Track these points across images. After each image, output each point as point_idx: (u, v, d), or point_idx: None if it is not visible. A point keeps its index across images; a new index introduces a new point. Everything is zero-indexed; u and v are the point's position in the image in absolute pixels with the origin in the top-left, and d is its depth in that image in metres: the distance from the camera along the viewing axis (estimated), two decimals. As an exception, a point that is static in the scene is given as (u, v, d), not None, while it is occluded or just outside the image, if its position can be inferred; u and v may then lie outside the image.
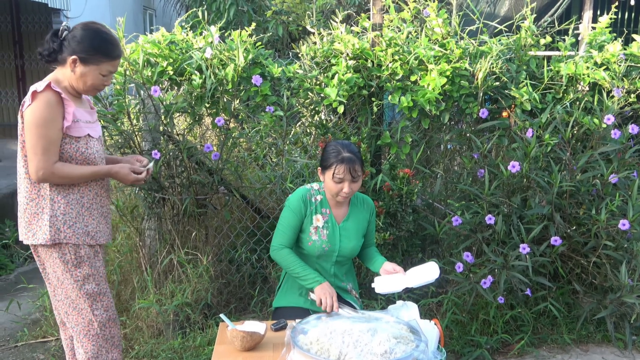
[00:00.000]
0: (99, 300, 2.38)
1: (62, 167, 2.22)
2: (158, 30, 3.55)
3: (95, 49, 2.24)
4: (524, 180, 3.41)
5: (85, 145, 2.30)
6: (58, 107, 2.20)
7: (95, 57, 2.24)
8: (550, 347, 3.44)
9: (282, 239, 2.56)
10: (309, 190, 2.61)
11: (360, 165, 2.48)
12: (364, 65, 3.58)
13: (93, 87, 2.31)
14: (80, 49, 2.22)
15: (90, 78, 2.27)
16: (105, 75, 2.30)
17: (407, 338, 1.98)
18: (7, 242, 5.05)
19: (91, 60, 2.24)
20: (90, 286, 2.35)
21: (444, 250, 3.69)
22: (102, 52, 2.25)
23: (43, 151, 2.17)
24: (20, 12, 9.55)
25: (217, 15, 7.55)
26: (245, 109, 3.57)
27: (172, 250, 3.57)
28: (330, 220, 2.59)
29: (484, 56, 3.54)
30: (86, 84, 2.28)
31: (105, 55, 2.27)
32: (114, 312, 2.45)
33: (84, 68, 2.24)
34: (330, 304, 2.34)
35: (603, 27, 3.82)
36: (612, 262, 3.31)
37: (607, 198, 3.25)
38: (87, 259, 2.33)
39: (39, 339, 3.51)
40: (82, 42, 2.22)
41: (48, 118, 2.17)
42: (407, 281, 2.41)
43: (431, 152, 3.94)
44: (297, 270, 2.49)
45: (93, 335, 2.39)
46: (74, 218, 2.30)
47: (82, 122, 2.29)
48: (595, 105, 3.49)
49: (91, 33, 2.25)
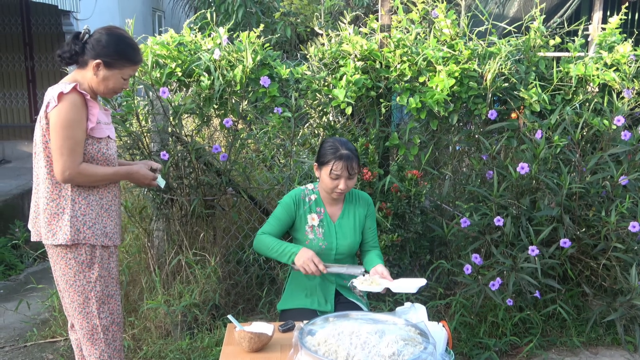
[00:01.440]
0: (106, 302, 2.39)
1: (88, 167, 2.26)
2: (167, 31, 3.56)
3: (119, 53, 2.30)
4: (533, 182, 3.39)
5: (106, 146, 2.35)
6: (83, 109, 2.24)
7: (119, 61, 2.30)
8: (559, 349, 3.42)
9: (265, 228, 2.57)
10: (303, 190, 2.64)
11: (357, 162, 2.49)
12: (372, 67, 3.57)
13: (113, 91, 2.37)
14: (105, 53, 2.28)
15: (112, 82, 2.33)
16: (126, 79, 2.37)
17: (415, 340, 1.97)
18: (17, 243, 5.09)
19: (115, 65, 2.30)
20: (99, 288, 2.36)
21: (452, 252, 3.68)
22: (126, 57, 2.32)
23: (69, 152, 2.20)
24: (31, 14, 9.63)
25: (226, 16, 7.57)
26: (254, 110, 3.58)
27: (180, 251, 3.57)
28: (325, 219, 2.60)
29: (492, 57, 3.53)
30: (107, 87, 2.33)
31: (129, 60, 2.33)
32: (119, 316, 2.46)
33: (107, 72, 2.30)
34: (314, 269, 2.33)
35: (613, 28, 3.79)
36: (622, 264, 3.29)
37: (617, 200, 3.23)
38: (100, 259, 2.35)
39: (48, 339, 3.53)
40: (108, 46, 2.28)
41: (75, 119, 2.21)
42: (388, 284, 2.37)
43: (439, 154, 3.93)
44: (274, 248, 2.46)
45: (96, 340, 2.39)
46: (94, 219, 2.33)
47: (103, 124, 2.34)
48: (605, 107, 3.47)
49: (116, 38, 2.31)
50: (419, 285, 2.31)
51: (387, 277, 2.42)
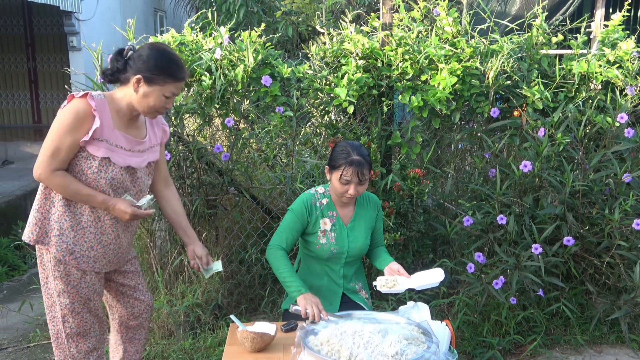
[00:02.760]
0: (71, 316, 2.27)
1: (61, 177, 2.12)
2: (168, 31, 3.56)
3: (160, 68, 2.16)
4: (536, 180, 3.38)
5: (99, 167, 2.17)
6: (85, 119, 2.11)
7: (160, 77, 2.16)
8: (563, 348, 3.41)
9: (280, 239, 2.52)
10: (313, 195, 2.59)
11: (368, 169, 2.46)
12: (374, 65, 3.56)
13: (154, 109, 2.22)
14: (146, 68, 2.15)
15: (152, 99, 2.18)
16: (168, 97, 2.21)
17: (419, 339, 1.97)
18: (20, 244, 5.09)
19: (156, 81, 2.16)
20: (64, 300, 2.24)
21: (455, 251, 3.67)
22: (167, 72, 2.18)
23: (50, 154, 2.10)
24: (33, 15, 9.65)
25: (227, 16, 7.56)
26: (255, 110, 3.57)
27: (182, 251, 3.57)
28: (337, 223, 2.58)
29: (495, 55, 3.52)
30: (148, 105, 2.19)
31: (170, 76, 2.18)
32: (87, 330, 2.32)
33: (148, 88, 2.16)
34: (317, 314, 2.23)
35: (616, 25, 3.78)
36: (626, 262, 3.28)
37: (620, 197, 3.22)
38: (65, 276, 2.22)
39: (50, 340, 3.53)
40: (148, 61, 2.16)
41: (70, 126, 2.09)
42: (410, 283, 2.38)
43: (442, 152, 3.92)
44: (284, 274, 2.42)
45: (60, 344, 2.32)
46: (65, 229, 2.19)
47: (107, 143, 2.17)
48: (608, 104, 3.46)
49: (157, 53, 2.19)
50: (440, 279, 2.32)
51: (404, 274, 2.44)
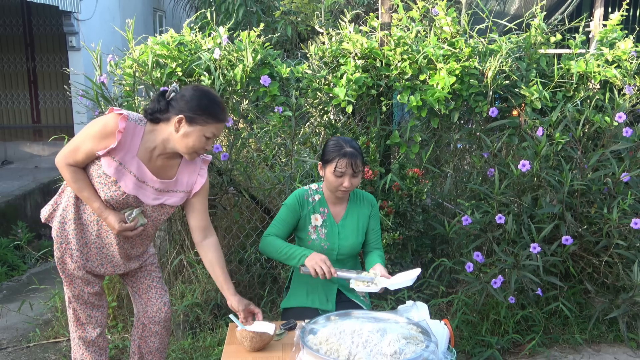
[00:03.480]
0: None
1: (74, 172, 2.21)
2: (167, 31, 3.56)
3: (202, 109, 2.17)
4: (535, 179, 3.38)
5: (106, 182, 2.22)
6: (109, 135, 2.15)
7: (201, 117, 2.17)
8: (561, 347, 3.41)
9: (272, 230, 2.57)
10: (307, 191, 2.63)
11: (361, 160, 2.49)
12: (373, 65, 3.57)
13: (193, 149, 2.22)
14: (188, 107, 2.17)
15: (192, 139, 2.18)
16: (209, 137, 2.21)
17: (417, 338, 1.97)
18: (20, 244, 5.10)
19: (197, 121, 2.16)
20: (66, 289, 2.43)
21: (454, 250, 3.68)
22: (209, 112, 2.18)
23: (72, 147, 2.19)
24: (32, 15, 9.64)
25: (226, 16, 7.56)
26: (254, 110, 3.58)
27: (181, 251, 3.58)
28: (328, 219, 2.60)
29: (493, 55, 3.52)
30: (188, 145, 2.19)
31: (212, 117, 2.19)
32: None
33: (189, 128, 2.17)
34: (327, 270, 2.32)
35: (614, 24, 3.78)
36: (624, 261, 3.29)
37: (618, 197, 3.23)
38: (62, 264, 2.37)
39: (50, 340, 3.54)
40: (191, 101, 2.17)
41: (94, 134, 2.16)
42: (386, 282, 2.37)
43: (441, 152, 3.92)
44: (284, 249, 2.47)
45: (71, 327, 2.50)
46: (68, 220, 2.33)
47: (120, 165, 2.20)
48: (606, 103, 3.46)
49: (200, 93, 2.20)
50: (414, 277, 2.30)
51: (385, 275, 2.40)
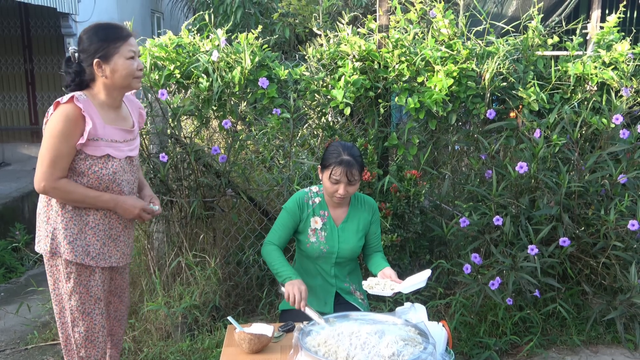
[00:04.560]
0: (81, 319, 2.30)
1: (66, 184, 2.16)
2: (165, 33, 3.56)
3: (104, 40, 2.17)
4: (532, 181, 3.39)
5: (101, 165, 2.20)
6: (77, 122, 2.12)
7: (110, 47, 2.17)
8: (559, 348, 3.42)
9: (273, 237, 2.58)
10: (307, 193, 2.63)
11: (358, 169, 2.46)
12: (371, 67, 3.58)
13: (130, 76, 2.21)
14: (94, 50, 2.16)
15: (120, 69, 2.18)
16: (131, 57, 2.21)
17: (415, 340, 1.98)
18: (18, 246, 5.09)
19: (109, 52, 2.17)
20: (74, 303, 2.28)
21: (452, 252, 3.68)
22: (110, 39, 2.17)
23: (49, 163, 2.11)
24: (30, 16, 9.64)
25: (224, 18, 7.56)
26: (252, 112, 3.58)
27: (180, 253, 3.58)
28: (328, 222, 2.60)
29: (491, 57, 3.53)
30: (122, 76, 2.19)
31: (117, 39, 2.18)
32: (97, 335, 2.35)
33: (109, 64, 2.17)
34: (298, 300, 2.29)
35: (611, 26, 3.79)
36: (622, 262, 3.29)
37: (616, 198, 3.23)
38: (77, 276, 2.26)
39: (48, 342, 3.53)
40: (91, 44, 2.17)
41: (63, 131, 2.10)
42: (399, 287, 2.36)
43: (438, 153, 3.93)
44: (277, 266, 2.48)
45: (70, 351, 2.36)
46: (75, 235, 2.23)
47: (103, 141, 2.19)
48: (603, 105, 3.47)
49: (92, 32, 2.20)
50: (426, 278, 2.31)
51: (396, 280, 2.41)
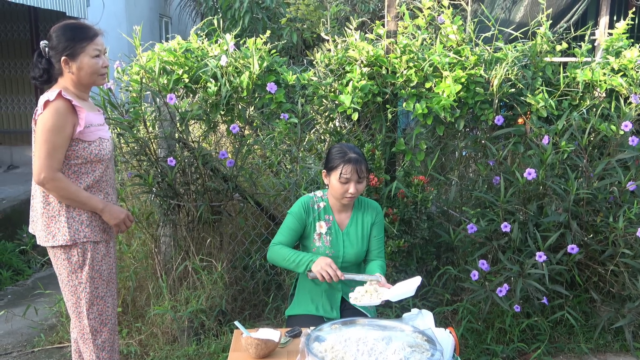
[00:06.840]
0: (95, 304, 2.44)
1: (63, 180, 2.28)
2: (174, 38, 3.58)
3: (70, 39, 2.30)
4: (540, 188, 3.38)
5: (98, 147, 2.38)
6: (69, 115, 2.27)
7: (76, 46, 2.31)
8: (567, 356, 3.40)
9: (279, 239, 2.57)
10: (312, 198, 2.63)
11: (365, 165, 2.50)
12: (379, 72, 3.58)
13: (95, 73, 2.36)
14: (62, 48, 2.30)
15: (85, 67, 2.33)
16: (97, 56, 2.35)
17: (422, 347, 1.97)
18: (25, 248, 5.11)
19: (76, 50, 2.31)
20: (89, 289, 2.42)
21: (459, 258, 3.67)
22: (77, 38, 2.31)
23: (46, 155, 2.24)
24: (39, 20, 9.70)
25: (232, 23, 7.59)
26: (260, 116, 3.59)
27: (187, 257, 3.58)
28: (333, 227, 2.60)
29: (499, 63, 3.52)
30: (87, 74, 2.34)
31: (83, 39, 2.32)
32: (110, 318, 2.50)
33: (76, 62, 2.31)
34: (333, 274, 2.34)
35: (620, 33, 3.78)
36: (630, 270, 3.27)
37: (624, 205, 3.21)
38: (92, 261, 2.40)
39: (55, 345, 3.54)
40: (59, 42, 2.31)
41: (57, 125, 2.25)
42: (387, 294, 2.34)
43: (446, 159, 3.92)
44: (291, 257, 2.46)
45: (86, 340, 2.47)
46: (90, 217, 2.38)
47: (93, 127, 2.37)
48: (612, 112, 3.46)
49: (61, 30, 2.33)
50: (415, 286, 2.28)
51: (385, 285, 2.38)
